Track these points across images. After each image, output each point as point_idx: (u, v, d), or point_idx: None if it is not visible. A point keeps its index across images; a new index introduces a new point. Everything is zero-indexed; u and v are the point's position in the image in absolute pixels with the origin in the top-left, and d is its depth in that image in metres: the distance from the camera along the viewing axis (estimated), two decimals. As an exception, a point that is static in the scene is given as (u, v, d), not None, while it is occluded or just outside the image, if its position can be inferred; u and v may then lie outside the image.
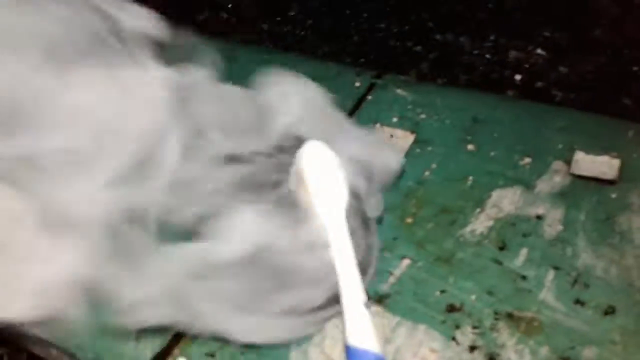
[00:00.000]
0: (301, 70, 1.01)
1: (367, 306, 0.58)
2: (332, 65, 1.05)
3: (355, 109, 0.92)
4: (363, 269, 0.64)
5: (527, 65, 1.18)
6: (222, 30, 1.40)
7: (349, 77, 0.99)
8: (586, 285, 0.64)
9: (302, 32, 1.33)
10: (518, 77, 1.16)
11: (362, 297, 0.58)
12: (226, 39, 1.34)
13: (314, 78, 0.98)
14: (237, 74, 0.99)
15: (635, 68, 1.17)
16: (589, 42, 1.24)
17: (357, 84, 0.96)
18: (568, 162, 0.79)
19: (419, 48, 1.25)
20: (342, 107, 0.91)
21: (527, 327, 0.61)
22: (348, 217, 0.66)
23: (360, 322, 0.57)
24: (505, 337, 0.60)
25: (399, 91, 0.94)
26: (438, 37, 1.28)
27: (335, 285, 0.60)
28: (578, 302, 0.62)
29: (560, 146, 0.81)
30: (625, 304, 0.62)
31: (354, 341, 0.55)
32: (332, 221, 0.64)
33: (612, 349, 0.58)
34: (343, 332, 0.58)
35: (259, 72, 1.00)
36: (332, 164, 0.69)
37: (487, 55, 1.22)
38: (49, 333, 0.65)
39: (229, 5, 1.46)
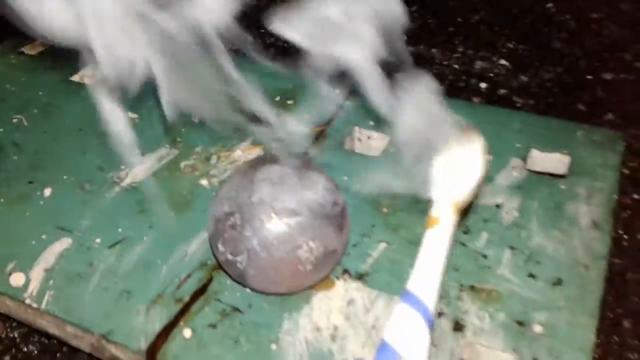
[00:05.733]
0: (283, 77, 1.10)
1: (432, 325, 0.63)
2: (312, 74, 1.14)
3: (335, 113, 1.01)
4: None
5: (491, 75, 1.30)
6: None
7: (330, 84, 1.08)
8: (538, 262, 0.74)
9: (285, 44, 1.43)
10: (483, 85, 1.27)
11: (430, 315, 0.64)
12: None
13: (297, 86, 1.08)
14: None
15: (589, 77, 1.29)
16: (549, 53, 1.36)
17: (338, 91, 1.06)
18: (524, 159, 0.89)
19: (393, 59, 1.36)
20: (324, 112, 1.01)
21: (487, 296, 0.70)
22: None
23: (416, 337, 0.62)
24: (469, 305, 0.70)
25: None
26: (411, 49, 1.39)
27: None
28: (531, 275, 0.72)
29: (517, 145, 0.91)
30: (571, 277, 0.72)
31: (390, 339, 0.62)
32: (442, 218, 0.72)
33: (559, 314, 0.68)
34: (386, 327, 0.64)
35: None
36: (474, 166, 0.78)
37: (455, 66, 1.33)
38: (63, 312, 0.73)
39: (215, 19, 1.55)
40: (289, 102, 1.05)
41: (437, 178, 0.77)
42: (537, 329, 0.67)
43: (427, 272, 0.67)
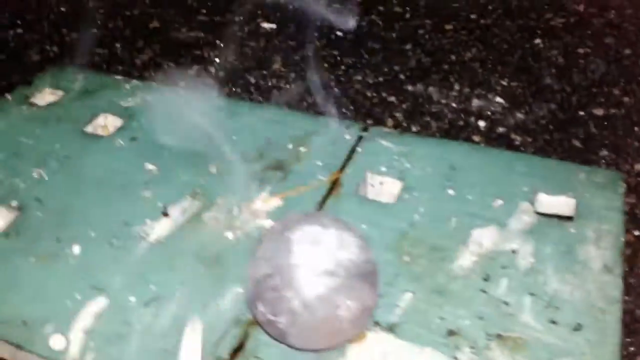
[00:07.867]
0: (293, 124, 1.14)
1: None
2: (320, 119, 1.18)
3: (347, 160, 1.05)
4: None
5: (488, 113, 1.35)
6: (211, 83, 1.53)
7: (339, 130, 1.12)
8: (557, 308, 0.78)
9: (287, 85, 1.47)
10: (482, 123, 1.32)
11: None
12: (216, 91, 1.46)
13: (308, 133, 1.11)
14: (241, 130, 1.12)
15: (581, 113, 1.35)
16: (541, 90, 1.43)
17: (347, 137, 1.10)
18: (532, 202, 0.94)
19: (393, 98, 1.41)
20: (336, 159, 1.04)
21: (514, 344, 0.74)
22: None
23: None
24: (498, 354, 0.74)
25: (384, 142, 1.08)
26: (409, 87, 1.44)
27: None
28: (552, 322, 0.77)
29: (525, 189, 0.96)
30: (590, 321, 0.76)
31: None
32: None
33: (583, 359, 0.72)
34: None
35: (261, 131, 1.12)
36: None
37: (453, 104, 1.38)
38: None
39: (217, 60, 1.59)
40: (302, 149, 1.08)
41: None
42: (563, 374, 0.71)
43: None
